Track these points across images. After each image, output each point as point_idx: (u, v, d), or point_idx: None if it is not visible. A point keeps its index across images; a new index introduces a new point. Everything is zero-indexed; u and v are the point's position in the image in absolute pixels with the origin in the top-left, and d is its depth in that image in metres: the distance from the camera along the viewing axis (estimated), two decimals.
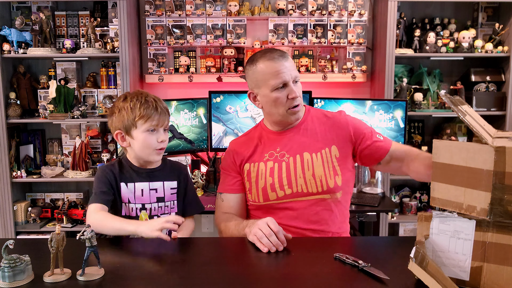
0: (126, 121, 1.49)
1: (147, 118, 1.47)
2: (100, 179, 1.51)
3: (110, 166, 1.55)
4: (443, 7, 3.15)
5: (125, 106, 1.49)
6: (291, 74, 1.53)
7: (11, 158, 2.96)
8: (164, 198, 1.56)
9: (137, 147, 1.51)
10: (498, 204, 0.95)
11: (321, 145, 1.58)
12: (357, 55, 3.11)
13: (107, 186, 1.50)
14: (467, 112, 1.03)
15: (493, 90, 3.00)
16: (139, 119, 1.47)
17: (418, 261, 0.98)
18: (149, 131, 1.48)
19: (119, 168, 1.54)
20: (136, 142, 1.50)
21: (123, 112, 1.49)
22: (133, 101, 1.49)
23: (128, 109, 1.48)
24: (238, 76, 3.07)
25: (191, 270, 1.17)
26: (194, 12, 3.05)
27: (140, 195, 1.54)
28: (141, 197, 1.54)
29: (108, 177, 1.51)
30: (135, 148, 1.52)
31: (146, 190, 1.54)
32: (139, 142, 1.49)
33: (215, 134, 2.55)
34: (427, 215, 1.05)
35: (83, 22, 3.12)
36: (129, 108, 1.48)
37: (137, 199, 1.54)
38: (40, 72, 3.16)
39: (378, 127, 2.44)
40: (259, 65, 1.55)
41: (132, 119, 1.48)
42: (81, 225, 3.01)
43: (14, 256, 1.07)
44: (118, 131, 1.52)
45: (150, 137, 1.49)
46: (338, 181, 1.55)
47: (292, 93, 1.53)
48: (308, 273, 1.13)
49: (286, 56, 1.56)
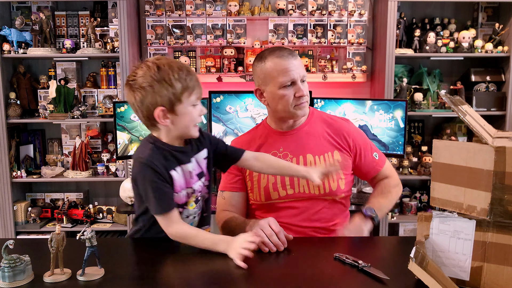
0: (169, 95, 1.23)
1: (192, 90, 1.26)
2: (153, 177, 1.25)
3: (154, 156, 1.27)
4: (443, 7, 3.15)
5: (165, 77, 1.23)
6: (299, 72, 1.54)
7: (11, 158, 2.96)
8: (203, 173, 1.38)
9: (183, 123, 1.28)
10: (498, 204, 0.95)
11: (324, 148, 1.59)
12: (357, 55, 3.11)
13: (164, 183, 1.26)
14: (467, 112, 1.03)
15: (493, 90, 3.00)
16: (184, 92, 1.24)
17: (418, 261, 0.98)
18: (193, 106, 1.28)
19: (160, 155, 1.28)
20: (181, 119, 1.27)
21: (164, 85, 1.22)
22: (173, 70, 1.24)
23: (170, 81, 1.23)
24: (238, 76, 3.07)
25: (191, 270, 1.17)
26: (194, 12, 3.05)
27: (189, 178, 1.33)
28: (190, 179, 1.34)
29: (160, 171, 1.25)
30: (179, 126, 1.28)
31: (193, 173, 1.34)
32: (186, 117, 1.27)
33: (215, 134, 2.55)
34: (427, 215, 1.05)
35: (83, 22, 3.12)
36: (171, 79, 1.23)
37: (187, 183, 1.33)
38: (40, 72, 3.16)
39: (378, 127, 2.44)
40: (268, 62, 1.55)
41: (176, 93, 1.23)
42: (81, 225, 3.01)
43: (14, 256, 1.07)
44: (161, 108, 1.24)
45: (194, 111, 1.28)
46: (342, 184, 1.56)
47: (299, 92, 1.53)
48: (308, 273, 1.13)
49: (295, 54, 1.57)
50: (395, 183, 1.68)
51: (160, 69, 1.24)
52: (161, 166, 1.26)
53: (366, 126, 2.47)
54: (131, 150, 2.46)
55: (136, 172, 1.29)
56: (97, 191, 3.28)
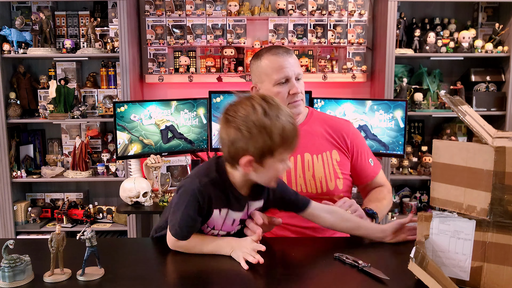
0: (264, 147, 1.10)
1: (287, 147, 1.13)
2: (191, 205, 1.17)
3: (207, 187, 1.17)
4: (443, 7, 3.15)
5: (268, 128, 1.09)
6: (294, 70, 1.54)
7: (11, 158, 2.96)
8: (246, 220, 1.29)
9: (263, 176, 1.17)
10: (498, 204, 0.95)
11: (322, 147, 1.59)
12: (357, 55, 3.11)
13: (197, 213, 1.18)
14: (467, 112, 1.03)
15: (493, 90, 3.00)
16: (279, 148, 1.11)
17: (418, 261, 0.98)
18: (282, 161, 1.15)
19: (218, 189, 1.19)
20: (265, 172, 1.16)
21: (264, 136, 1.09)
22: (280, 122, 1.10)
23: (273, 133, 1.09)
24: (238, 76, 3.07)
25: (190, 270, 1.16)
26: (194, 12, 3.05)
27: (230, 224, 1.25)
28: (230, 226, 1.26)
29: (200, 202, 1.17)
30: (258, 177, 1.18)
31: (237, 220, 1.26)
32: (269, 172, 1.16)
33: (215, 134, 2.54)
34: (427, 215, 1.05)
35: (83, 22, 3.12)
36: (273, 130, 1.09)
37: (225, 226, 1.25)
38: (40, 72, 3.16)
39: (378, 127, 2.44)
40: (264, 60, 1.56)
41: (271, 146, 1.10)
42: (81, 225, 3.01)
43: (14, 256, 1.07)
44: (249, 158, 1.12)
45: (280, 166, 1.15)
46: (340, 184, 1.56)
47: (293, 89, 1.54)
48: (308, 273, 1.13)
49: (291, 53, 1.57)
50: (388, 190, 1.67)
51: (267, 114, 1.10)
52: (207, 199, 1.17)
53: (366, 126, 2.46)
54: (131, 150, 2.47)
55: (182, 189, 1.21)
56: (97, 191, 3.28)
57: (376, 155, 2.29)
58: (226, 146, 1.15)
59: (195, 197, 1.16)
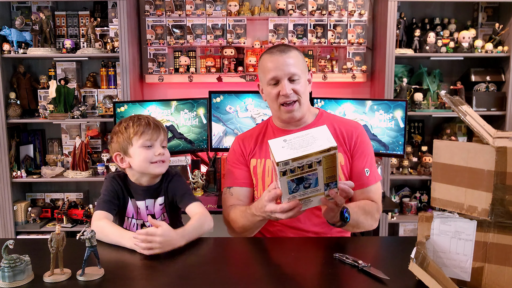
0: (122, 142, 1.52)
1: (140, 133, 1.50)
2: (108, 187, 1.54)
3: (120, 178, 1.57)
4: (443, 7, 3.15)
5: (120, 129, 1.53)
6: (284, 70, 1.49)
7: (11, 158, 2.96)
8: (154, 215, 1.57)
9: (136, 163, 1.51)
10: (499, 205, 0.95)
11: None
12: (357, 55, 3.11)
13: (113, 196, 1.52)
14: (467, 112, 1.03)
15: (493, 90, 3.00)
16: (133, 136, 1.50)
17: (418, 261, 0.98)
18: (145, 147, 1.50)
19: (127, 183, 1.57)
20: (133, 159, 1.51)
21: (119, 134, 1.53)
22: (126, 122, 1.54)
23: (123, 130, 1.52)
24: (238, 76, 3.07)
25: (190, 270, 1.17)
26: (194, 12, 3.05)
27: (143, 212, 1.57)
28: (142, 214, 1.57)
29: (116, 188, 1.54)
30: (134, 166, 1.52)
31: (143, 208, 1.56)
32: (136, 158, 1.50)
33: (215, 134, 2.54)
34: (428, 216, 1.05)
35: (83, 22, 3.12)
36: (123, 128, 1.52)
37: (139, 215, 1.57)
38: (40, 72, 3.15)
39: (378, 127, 2.44)
40: (261, 59, 1.57)
41: (127, 138, 1.51)
42: (81, 225, 3.01)
43: (14, 256, 1.07)
44: (117, 153, 1.54)
45: (146, 152, 1.50)
46: None
47: (282, 90, 1.49)
48: (308, 273, 1.13)
49: (287, 52, 1.51)
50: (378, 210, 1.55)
51: (120, 122, 1.55)
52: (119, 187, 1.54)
53: (366, 126, 2.46)
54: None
55: None
56: (97, 191, 3.28)
57: (376, 155, 2.29)
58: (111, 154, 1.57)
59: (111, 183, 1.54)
